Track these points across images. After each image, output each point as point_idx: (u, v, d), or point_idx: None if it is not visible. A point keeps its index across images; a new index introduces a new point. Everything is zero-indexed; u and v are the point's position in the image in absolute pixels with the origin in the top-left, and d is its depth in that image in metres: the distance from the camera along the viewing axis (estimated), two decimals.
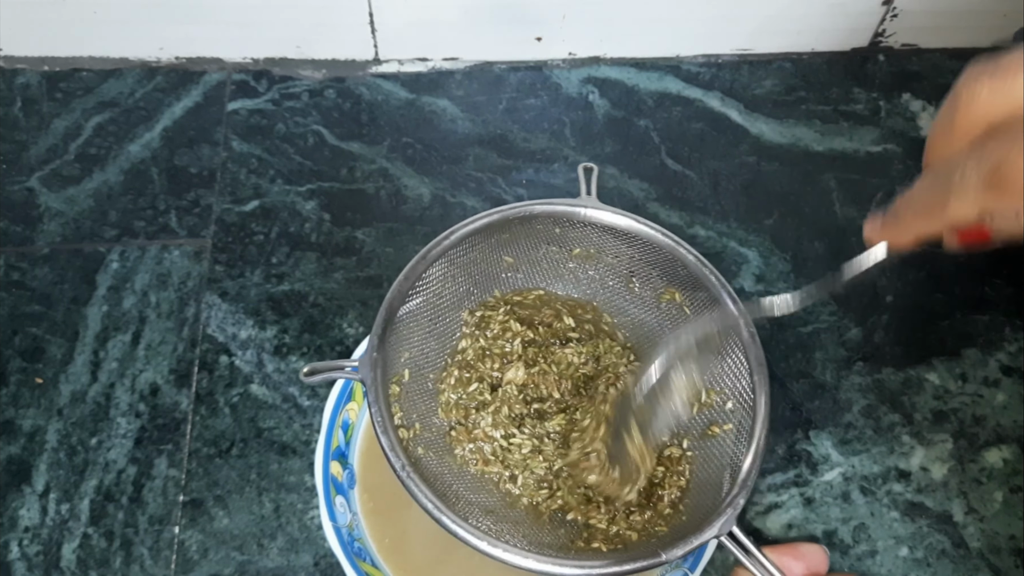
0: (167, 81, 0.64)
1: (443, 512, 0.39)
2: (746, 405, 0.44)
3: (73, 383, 0.52)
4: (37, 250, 0.57)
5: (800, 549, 0.34)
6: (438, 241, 0.46)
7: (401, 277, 0.44)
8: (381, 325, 0.43)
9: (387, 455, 0.40)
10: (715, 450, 0.45)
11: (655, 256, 0.48)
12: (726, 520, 0.38)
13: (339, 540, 0.44)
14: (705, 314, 0.46)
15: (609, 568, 0.38)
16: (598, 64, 0.67)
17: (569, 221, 0.48)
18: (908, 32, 0.67)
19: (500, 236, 0.48)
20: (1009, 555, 0.49)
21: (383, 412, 0.41)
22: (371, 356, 0.42)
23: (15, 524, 0.48)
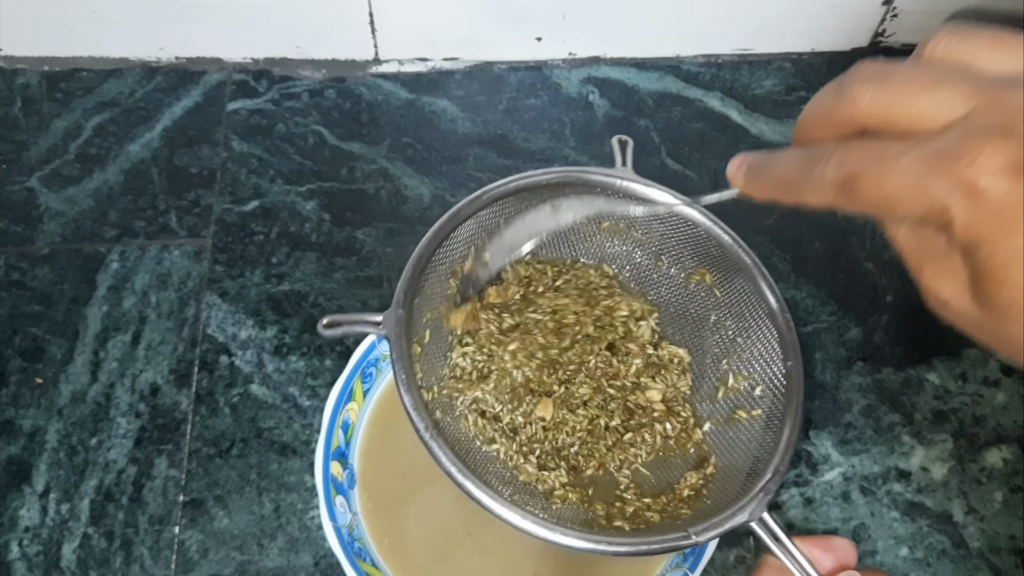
0: (167, 81, 0.64)
1: (467, 476, 0.37)
2: (777, 391, 0.43)
3: (73, 383, 0.52)
4: (37, 250, 0.57)
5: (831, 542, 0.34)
6: (470, 200, 0.44)
7: (430, 234, 0.43)
8: (407, 283, 0.41)
9: (410, 415, 0.38)
10: (742, 435, 0.44)
11: (688, 233, 0.46)
12: (757, 505, 0.37)
13: (339, 540, 0.44)
14: None
15: (639, 545, 0.37)
16: (598, 64, 0.67)
17: (604, 191, 0.46)
18: (908, 32, 0.67)
19: (531, 202, 0.46)
20: (1009, 555, 0.49)
21: (407, 370, 0.39)
22: (396, 312, 0.40)
23: (15, 524, 0.48)
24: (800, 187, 0.25)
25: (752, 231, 0.59)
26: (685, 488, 0.43)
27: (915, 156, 0.22)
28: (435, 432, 0.38)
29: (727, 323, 0.47)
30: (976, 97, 0.22)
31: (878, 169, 0.22)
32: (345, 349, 0.54)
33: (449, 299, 0.45)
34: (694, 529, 0.37)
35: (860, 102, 0.24)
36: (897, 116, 0.23)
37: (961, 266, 0.22)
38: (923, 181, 0.21)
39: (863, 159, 0.23)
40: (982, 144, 0.20)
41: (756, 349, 0.45)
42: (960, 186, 0.20)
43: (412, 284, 0.41)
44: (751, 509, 0.37)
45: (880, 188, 0.22)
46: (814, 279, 0.58)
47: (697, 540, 0.37)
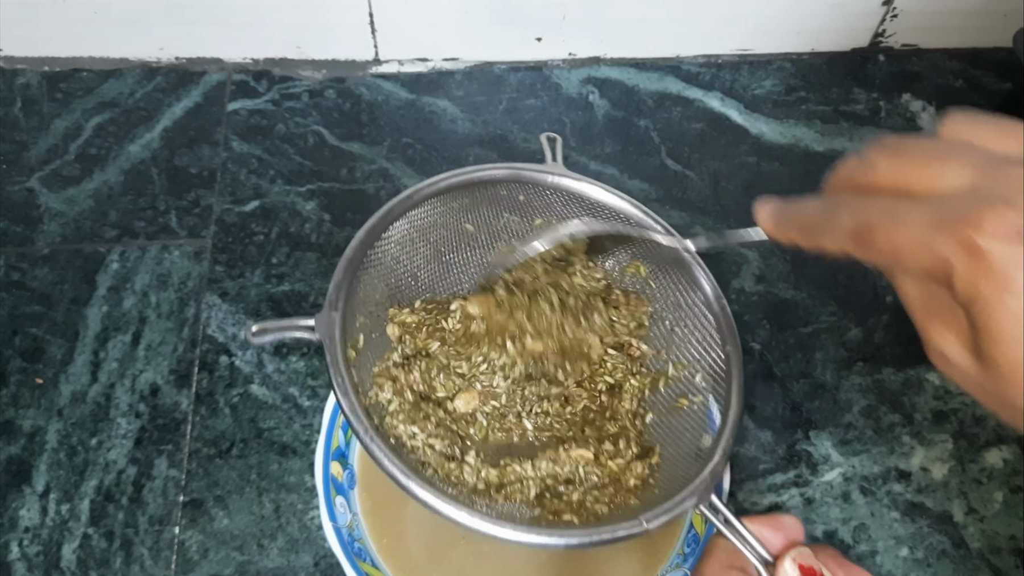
0: (167, 81, 0.64)
1: (411, 478, 0.37)
2: (718, 376, 0.43)
3: (73, 383, 0.52)
4: (37, 250, 0.57)
5: (779, 520, 0.35)
6: (400, 200, 0.43)
7: (361, 234, 0.42)
8: (339, 284, 0.40)
9: (348, 419, 0.38)
10: (686, 423, 0.44)
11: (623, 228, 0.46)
12: (705, 489, 0.37)
13: (339, 540, 0.44)
14: None
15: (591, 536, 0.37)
16: (598, 64, 0.67)
17: (535, 187, 0.46)
18: (908, 32, 0.67)
19: (463, 201, 0.46)
20: (1009, 555, 0.49)
21: (343, 373, 0.38)
22: (329, 315, 0.39)
23: (15, 524, 0.48)
24: (820, 232, 0.28)
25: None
26: (631, 478, 0.43)
27: (925, 214, 0.24)
28: (375, 435, 0.37)
29: (664, 314, 0.47)
30: (983, 170, 0.24)
31: (890, 222, 0.24)
32: None
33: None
34: (644, 516, 0.37)
35: (878, 168, 0.26)
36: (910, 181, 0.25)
37: (964, 323, 0.24)
38: (930, 237, 0.23)
39: (877, 212, 0.25)
40: (986, 209, 0.22)
41: (694, 337, 0.45)
42: (963, 245, 0.22)
43: (344, 285, 0.41)
44: (699, 493, 0.37)
45: (890, 240, 0.24)
46: (814, 279, 0.58)
47: (648, 527, 0.37)
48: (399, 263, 0.46)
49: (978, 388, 0.25)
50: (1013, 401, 0.23)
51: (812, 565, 0.32)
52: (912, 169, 0.25)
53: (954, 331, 0.25)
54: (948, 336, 0.25)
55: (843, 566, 0.32)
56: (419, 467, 0.40)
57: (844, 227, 0.26)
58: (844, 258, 0.28)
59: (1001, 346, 0.23)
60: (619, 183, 0.61)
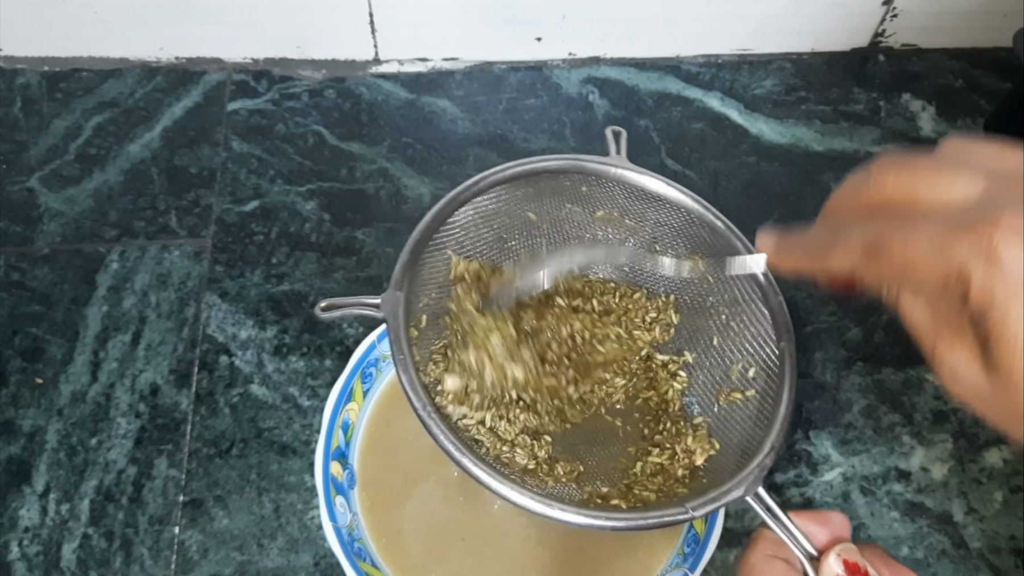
0: (167, 81, 0.64)
1: (464, 454, 0.37)
2: (770, 371, 0.43)
3: (73, 383, 0.52)
4: (37, 250, 0.57)
5: (827, 516, 0.35)
6: (467, 186, 0.44)
7: (428, 218, 0.43)
8: (405, 265, 0.41)
9: (407, 394, 0.38)
10: (736, 415, 0.44)
11: (681, 220, 0.47)
12: (753, 480, 0.38)
13: (339, 540, 0.44)
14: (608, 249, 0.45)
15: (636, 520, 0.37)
16: (598, 64, 0.67)
17: (598, 179, 0.47)
18: (908, 32, 0.67)
19: (526, 190, 0.47)
20: (1009, 555, 0.49)
21: (405, 351, 0.39)
22: (394, 294, 0.40)
23: (15, 524, 0.48)
24: (827, 251, 0.28)
25: (752, 231, 0.60)
26: (679, 468, 0.43)
27: (938, 223, 0.24)
28: (432, 410, 0.38)
29: (720, 308, 0.47)
30: (992, 181, 0.24)
31: (903, 236, 0.24)
32: (345, 349, 0.54)
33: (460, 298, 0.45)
34: (691, 504, 0.37)
35: (886, 184, 0.26)
36: (920, 194, 0.25)
37: (973, 339, 0.24)
38: (945, 245, 0.23)
39: (889, 227, 0.25)
40: (1001, 214, 0.22)
41: (750, 331, 0.45)
42: (980, 250, 0.22)
43: (410, 267, 0.42)
44: (747, 485, 0.38)
45: (903, 251, 0.24)
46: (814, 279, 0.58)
47: (694, 514, 0.37)
48: (463, 247, 0.46)
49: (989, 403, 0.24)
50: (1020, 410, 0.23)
51: (857, 561, 0.32)
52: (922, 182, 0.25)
53: (965, 345, 0.24)
54: (958, 351, 0.25)
55: (889, 565, 0.32)
56: (473, 445, 0.41)
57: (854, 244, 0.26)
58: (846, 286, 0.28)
59: (1016, 356, 0.22)
60: None
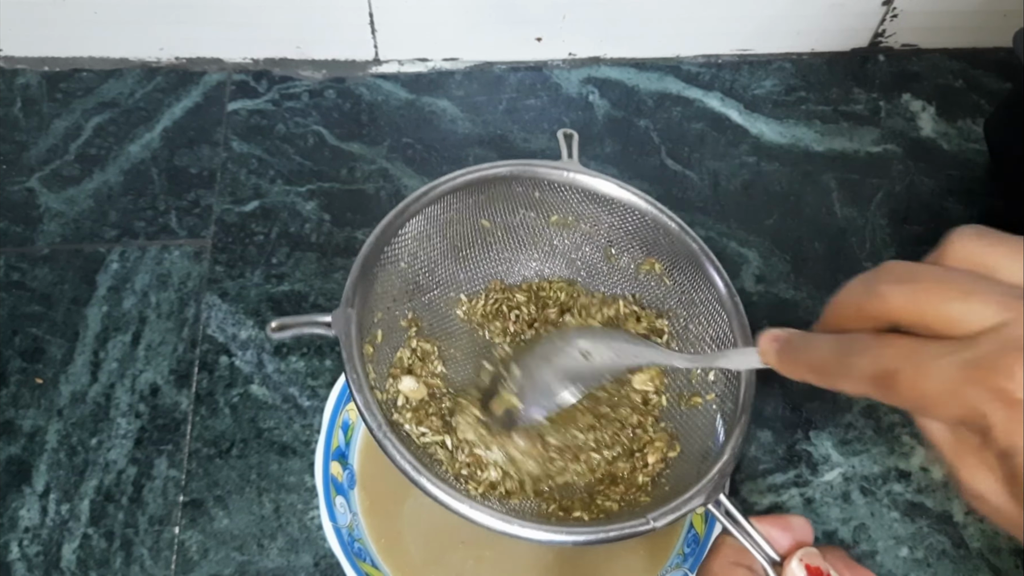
0: (167, 81, 0.64)
1: (421, 473, 0.37)
2: (730, 374, 0.43)
3: (73, 383, 0.52)
4: (37, 250, 0.57)
5: (788, 521, 0.34)
6: (416, 197, 0.44)
7: (378, 231, 0.42)
8: (355, 281, 0.41)
9: (362, 414, 0.38)
10: (698, 420, 0.44)
11: (636, 223, 0.47)
12: (714, 488, 0.37)
13: (339, 540, 0.44)
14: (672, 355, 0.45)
15: (597, 533, 0.37)
16: (598, 64, 0.67)
17: (550, 184, 0.46)
18: (908, 32, 0.67)
19: (478, 197, 0.46)
20: (1009, 555, 0.49)
21: (358, 369, 0.39)
22: (345, 311, 0.39)
23: (15, 524, 0.48)
24: (836, 375, 0.26)
25: (752, 231, 0.60)
26: (640, 475, 0.43)
27: (952, 362, 0.22)
28: (388, 430, 0.38)
29: (679, 311, 0.47)
30: (1008, 308, 0.23)
31: (915, 370, 0.23)
32: None
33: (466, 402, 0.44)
34: (652, 515, 0.37)
35: (891, 302, 0.25)
36: (930, 318, 0.24)
37: (996, 463, 0.23)
38: (961, 388, 0.22)
39: (900, 357, 0.24)
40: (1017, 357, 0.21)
41: (708, 334, 0.45)
42: (998, 395, 0.21)
43: (360, 282, 0.41)
44: (708, 492, 0.37)
45: (916, 388, 0.23)
46: (814, 279, 0.58)
47: (656, 526, 0.37)
48: (416, 258, 0.46)
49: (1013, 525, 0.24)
50: None
51: (819, 566, 0.32)
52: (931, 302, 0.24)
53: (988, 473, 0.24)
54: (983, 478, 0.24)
55: (850, 567, 0.32)
56: (432, 464, 0.40)
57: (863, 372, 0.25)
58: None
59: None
60: None
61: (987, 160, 0.63)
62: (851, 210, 0.61)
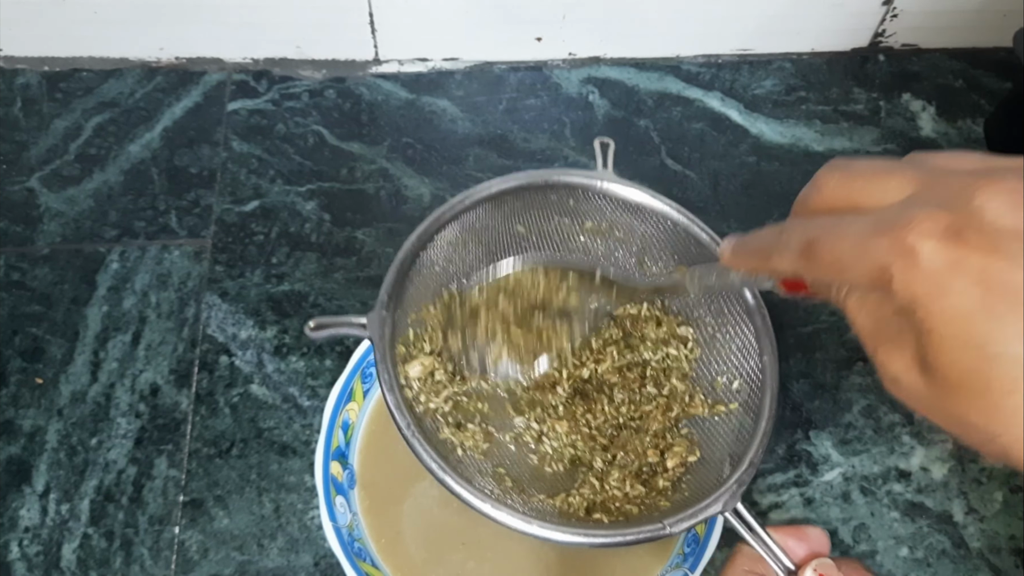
0: (167, 81, 0.64)
1: (447, 473, 0.38)
2: (754, 385, 0.43)
3: (73, 383, 0.52)
4: (37, 250, 0.57)
5: (804, 531, 0.35)
6: (452, 204, 0.45)
7: (414, 237, 0.44)
8: (391, 284, 0.42)
9: (392, 413, 0.39)
10: (720, 428, 0.44)
11: (668, 233, 0.47)
12: (731, 496, 0.38)
13: (339, 540, 0.44)
14: None
15: (614, 536, 0.37)
16: (598, 64, 0.67)
17: (585, 193, 0.47)
18: (908, 32, 0.67)
19: (514, 204, 0.47)
20: (1009, 555, 0.49)
21: (390, 370, 0.40)
22: (380, 314, 0.41)
23: (15, 524, 0.48)
24: (772, 254, 0.28)
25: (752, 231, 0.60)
26: (661, 479, 0.44)
27: (862, 224, 0.24)
28: (417, 430, 0.39)
29: (706, 319, 0.47)
30: (923, 181, 0.25)
31: (832, 235, 0.25)
32: (345, 349, 0.54)
33: None
34: (669, 520, 0.37)
35: (825, 187, 0.27)
36: (857, 197, 0.26)
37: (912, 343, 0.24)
38: (867, 245, 0.24)
39: (821, 228, 0.26)
40: (920, 213, 0.23)
41: (734, 344, 0.45)
42: (898, 248, 0.23)
43: (396, 286, 0.42)
44: (724, 500, 0.38)
45: (832, 252, 0.25)
46: None
47: (671, 531, 0.37)
48: (451, 263, 0.47)
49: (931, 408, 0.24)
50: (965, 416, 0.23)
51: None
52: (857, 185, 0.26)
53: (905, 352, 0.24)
54: (898, 358, 0.25)
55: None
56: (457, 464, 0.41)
57: (791, 244, 0.27)
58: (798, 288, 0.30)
59: (943, 353, 0.22)
60: None
61: None
62: None
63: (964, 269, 0.22)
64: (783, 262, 0.28)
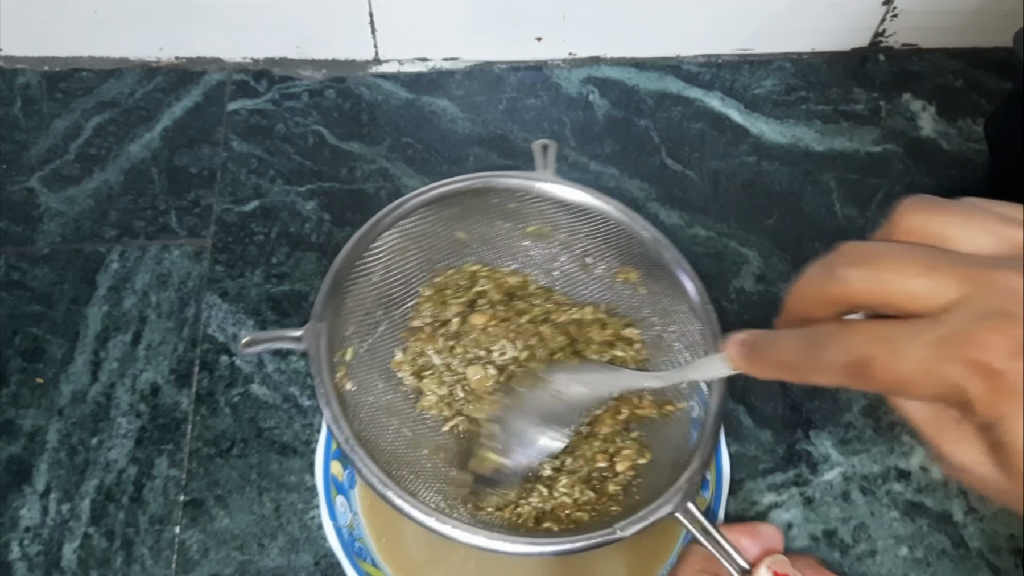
0: (167, 81, 0.64)
1: (388, 486, 0.37)
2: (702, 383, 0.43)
3: (74, 383, 0.52)
4: (37, 250, 0.57)
5: (757, 528, 0.34)
6: (389, 210, 0.44)
7: (349, 245, 0.43)
8: (326, 296, 0.41)
9: (330, 427, 0.38)
10: (670, 429, 0.44)
11: (611, 233, 0.47)
12: (682, 496, 0.37)
13: (339, 540, 0.44)
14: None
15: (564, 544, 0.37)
16: (598, 64, 0.67)
17: (525, 194, 0.46)
18: (908, 32, 0.67)
19: (453, 209, 0.46)
20: (1009, 555, 0.49)
21: (326, 383, 0.39)
22: (315, 326, 0.40)
23: (16, 524, 0.48)
24: (806, 370, 0.26)
25: (752, 231, 0.60)
26: (611, 484, 0.43)
27: (925, 341, 0.22)
28: (356, 444, 0.38)
29: (653, 319, 0.47)
30: (969, 280, 0.22)
31: (888, 354, 0.23)
32: None
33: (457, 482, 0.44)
34: (619, 525, 0.37)
35: (853, 284, 0.24)
36: (895, 298, 0.24)
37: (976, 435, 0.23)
38: (937, 366, 0.22)
39: (870, 343, 0.24)
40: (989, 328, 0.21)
41: (682, 342, 0.45)
42: (976, 369, 0.21)
43: (331, 297, 0.41)
44: (676, 501, 0.37)
45: (892, 371, 0.23)
46: None
47: (622, 535, 0.37)
48: (391, 271, 0.46)
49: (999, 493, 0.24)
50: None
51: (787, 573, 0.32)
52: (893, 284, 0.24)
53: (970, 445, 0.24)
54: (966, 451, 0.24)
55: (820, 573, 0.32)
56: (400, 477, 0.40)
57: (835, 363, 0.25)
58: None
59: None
60: (619, 183, 0.61)
61: (987, 160, 0.63)
62: (851, 210, 0.61)
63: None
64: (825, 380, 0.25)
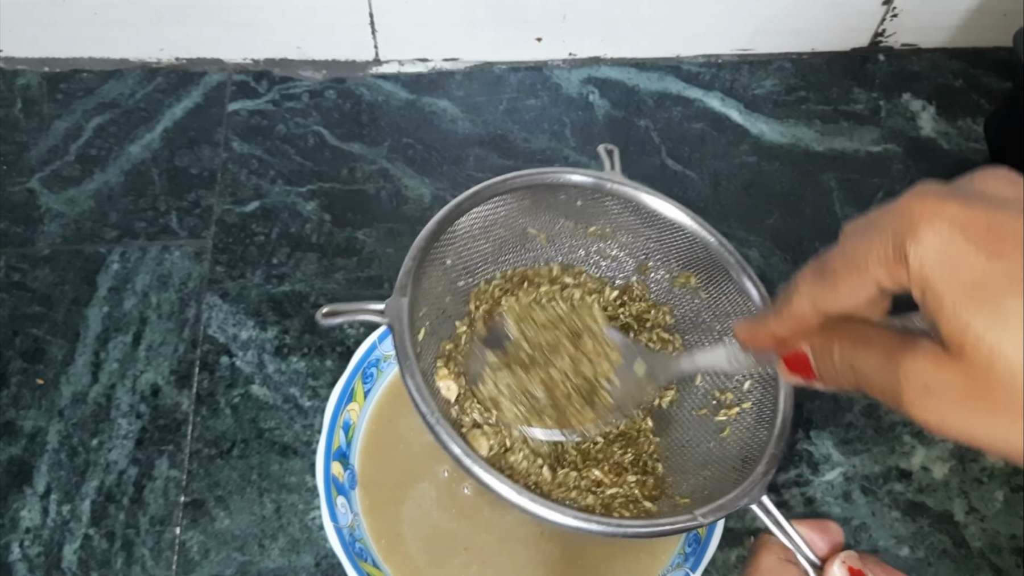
0: (167, 82, 0.64)
1: (474, 460, 0.37)
2: (765, 382, 0.44)
3: (74, 384, 0.52)
4: (38, 251, 0.57)
5: (825, 524, 0.36)
6: (470, 195, 0.44)
7: (433, 223, 0.43)
8: (410, 270, 0.41)
9: (414, 400, 0.38)
10: (735, 426, 0.45)
11: (674, 237, 0.47)
12: (757, 489, 0.38)
13: (340, 540, 0.44)
14: None
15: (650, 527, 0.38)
16: (598, 64, 0.67)
17: (595, 193, 0.47)
18: (908, 32, 0.67)
19: (523, 202, 0.47)
20: (1010, 554, 0.49)
21: (411, 355, 0.39)
22: (398, 300, 0.40)
23: (16, 525, 0.48)
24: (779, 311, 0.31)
25: (753, 231, 0.60)
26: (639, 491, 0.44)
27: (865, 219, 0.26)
28: (440, 416, 0.38)
29: (714, 325, 0.47)
30: None
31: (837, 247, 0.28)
32: (346, 350, 0.54)
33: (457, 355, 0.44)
34: (700, 512, 0.38)
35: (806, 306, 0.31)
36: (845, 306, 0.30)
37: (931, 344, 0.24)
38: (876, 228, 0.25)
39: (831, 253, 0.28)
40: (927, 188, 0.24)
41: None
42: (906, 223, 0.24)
43: (414, 272, 0.41)
44: (752, 493, 0.38)
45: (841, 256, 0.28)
46: None
47: (704, 522, 0.38)
48: (460, 258, 0.46)
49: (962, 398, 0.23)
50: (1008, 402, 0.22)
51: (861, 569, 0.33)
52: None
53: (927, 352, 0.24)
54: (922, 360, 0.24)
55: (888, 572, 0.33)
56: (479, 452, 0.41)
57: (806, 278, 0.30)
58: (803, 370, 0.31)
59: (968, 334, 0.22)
60: None
61: (987, 160, 0.63)
62: (852, 210, 0.61)
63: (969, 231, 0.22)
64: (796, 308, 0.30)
